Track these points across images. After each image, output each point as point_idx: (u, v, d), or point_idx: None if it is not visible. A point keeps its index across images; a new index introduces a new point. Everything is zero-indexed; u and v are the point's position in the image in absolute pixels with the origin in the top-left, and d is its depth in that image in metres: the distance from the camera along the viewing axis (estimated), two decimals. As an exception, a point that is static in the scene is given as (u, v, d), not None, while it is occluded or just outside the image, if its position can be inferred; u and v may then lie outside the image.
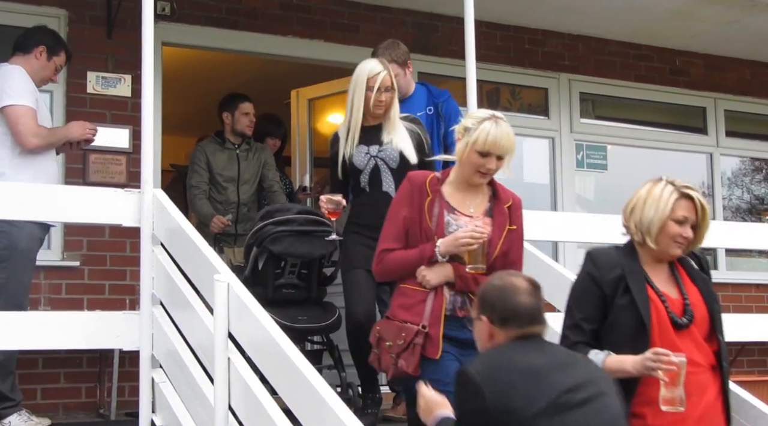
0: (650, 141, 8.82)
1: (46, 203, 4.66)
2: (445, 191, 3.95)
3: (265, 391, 3.48)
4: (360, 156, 4.91)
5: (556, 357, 3.10)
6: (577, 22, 8.13)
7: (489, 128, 3.85)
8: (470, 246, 3.76)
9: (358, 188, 4.96)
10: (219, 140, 6.69)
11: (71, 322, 4.70)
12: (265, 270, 5.38)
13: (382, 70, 4.86)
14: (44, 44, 5.41)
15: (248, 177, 6.68)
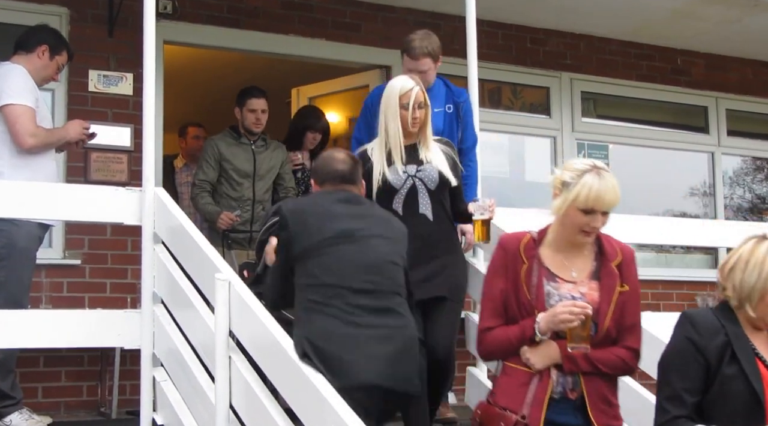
0: (652, 140, 8.82)
1: (48, 202, 4.66)
2: (543, 255, 3.52)
3: (266, 390, 3.48)
4: (396, 175, 4.58)
5: (357, 210, 4.07)
6: (579, 22, 8.13)
7: (591, 182, 3.42)
8: (570, 323, 3.33)
9: (389, 209, 4.50)
10: (234, 135, 6.52)
11: (72, 320, 4.71)
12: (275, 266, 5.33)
13: (414, 85, 4.61)
14: (46, 43, 5.41)
15: (264, 173, 6.48)
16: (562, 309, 3.33)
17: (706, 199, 9.08)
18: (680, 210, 8.97)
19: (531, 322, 3.38)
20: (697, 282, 8.51)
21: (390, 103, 4.58)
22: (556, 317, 3.33)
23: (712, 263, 8.84)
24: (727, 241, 6.81)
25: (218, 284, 3.72)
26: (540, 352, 3.38)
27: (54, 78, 5.60)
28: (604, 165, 3.54)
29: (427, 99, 4.65)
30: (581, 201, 3.41)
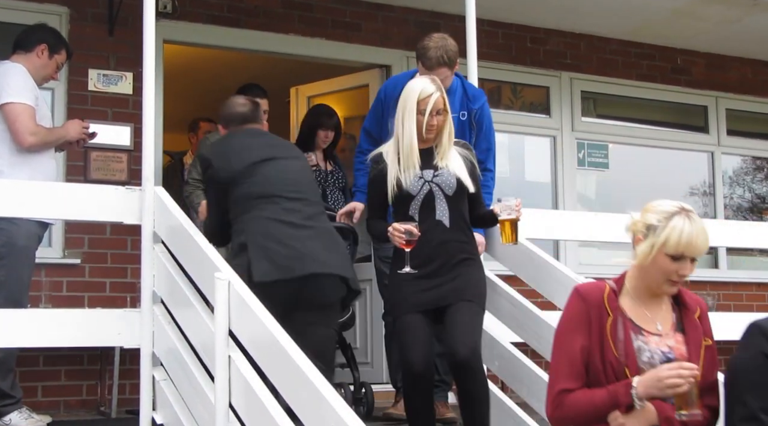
0: (651, 140, 8.82)
1: (48, 201, 4.66)
2: (624, 306, 3.23)
3: (266, 389, 3.48)
4: (412, 180, 4.36)
5: (267, 140, 4.71)
6: (579, 21, 8.13)
7: (682, 226, 3.18)
8: (680, 388, 3.01)
9: (405, 216, 4.35)
10: None
11: (72, 319, 4.70)
12: None
13: (434, 91, 4.35)
14: (45, 42, 5.41)
15: None
16: (668, 372, 3.02)
17: (706, 198, 9.08)
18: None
19: (625, 386, 3.06)
20: (696, 281, 8.50)
21: (407, 106, 4.36)
22: (662, 382, 3.01)
23: (712, 263, 8.84)
24: (726, 241, 6.84)
25: (218, 283, 3.72)
26: (637, 418, 3.06)
27: (53, 77, 5.59)
28: (690, 207, 3.32)
29: (447, 105, 4.44)
30: (672, 247, 3.14)
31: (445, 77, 4.92)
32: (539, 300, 4.98)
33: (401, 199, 4.37)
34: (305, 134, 6.82)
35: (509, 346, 4.89)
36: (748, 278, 8.81)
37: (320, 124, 6.79)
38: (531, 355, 4.88)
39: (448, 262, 4.29)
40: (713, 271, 8.77)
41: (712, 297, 8.36)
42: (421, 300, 4.21)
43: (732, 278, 8.72)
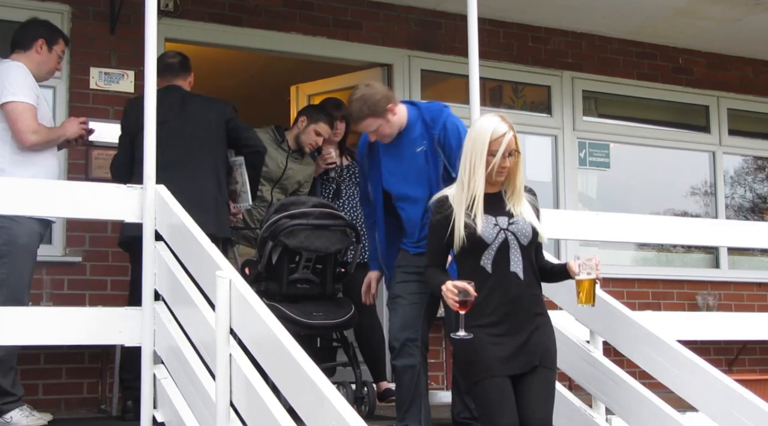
0: (653, 139, 8.82)
1: (49, 199, 4.66)
2: None
3: (267, 388, 3.48)
4: (487, 227, 4.02)
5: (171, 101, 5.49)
6: (581, 20, 8.13)
7: None
8: None
9: (474, 267, 4.02)
10: (277, 137, 6.39)
11: (73, 317, 4.70)
12: (279, 264, 5.29)
13: (507, 130, 4.09)
14: (42, 37, 5.40)
15: (288, 183, 6.38)
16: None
17: (707, 198, 9.08)
18: (681, 209, 8.97)
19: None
20: (697, 281, 8.52)
21: (477, 147, 4.04)
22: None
23: (713, 263, 8.85)
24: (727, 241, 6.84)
25: (219, 282, 3.72)
26: None
27: (57, 68, 5.60)
28: None
29: (519, 145, 4.16)
30: None
31: (378, 126, 4.86)
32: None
33: (472, 248, 4.02)
34: None
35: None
36: (749, 278, 8.80)
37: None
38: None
39: (525, 318, 4.01)
40: (714, 271, 8.77)
41: (713, 297, 8.36)
42: (508, 365, 3.94)
43: (733, 278, 8.72)
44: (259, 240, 5.41)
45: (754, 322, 6.36)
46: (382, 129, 4.88)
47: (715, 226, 6.91)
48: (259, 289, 5.27)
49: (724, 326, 6.11)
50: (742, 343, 8.18)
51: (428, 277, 4.15)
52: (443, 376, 7.21)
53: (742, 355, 8.36)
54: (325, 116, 6.38)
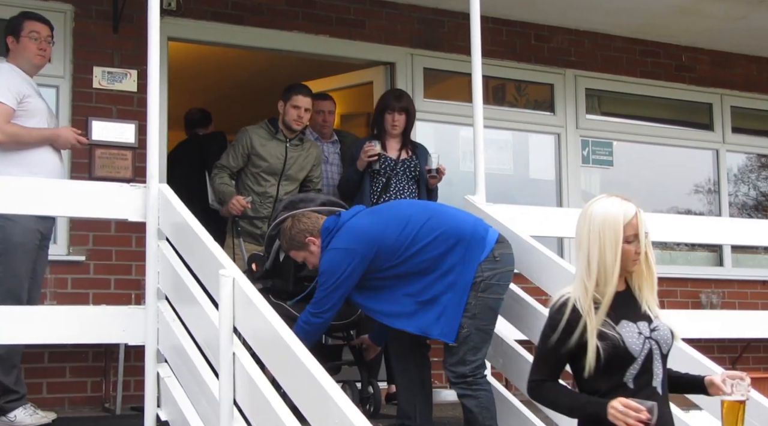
0: (656, 137, 8.81)
1: (52, 198, 4.67)
2: None
3: (270, 386, 3.48)
4: (632, 337, 3.30)
5: None
6: (584, 18, 8.12)
7: None
8: None
9: (616, 385, 3.28)
10: (271, 129, 6.26)
11: (77, 316, 4.71)
12: (286, 262, 5.22)
13: (636, 209, 3.43)
14: (8, 35, 5.34)
15: (293, 173, 6.24)
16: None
17: (711, 196, 9.07)
18: (685, 207, 8.97)
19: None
20: (701, 279, 8.51)
21: (608, 237, 3.34)
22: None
23: (716, 261, 8.84)
24: (731, 238, 6.83)
25: (222, 280, 3.72)
26: None
27: (40, 49, 5.37)
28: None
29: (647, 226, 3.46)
30: None
31: (303, 258, 4.96)
32: (543, 297, 4.98)
33: (612, 363, 3.28)
34: (376, 121, 6.34)
35: (514, 343, 4.90)
36: (753, 276, 8.80)
37: (387, 106, 6.29)
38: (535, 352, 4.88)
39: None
40: (718, 268, 8.76)
41: (716, 295, 8.35)
42: None
43: (736, 276, 8.71)
44: (266, 238, 5.38)
45: (758, 320, 6.35)
46: (310, 259, 4.92)
47: (719, 224, 6.91)
48: (266, 286, 5.26)
49: (728, 324, 6.10)
50: (746, 341, 8.17)
51: (553, 396, 3.40)
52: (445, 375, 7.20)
53: (746, 354, 8.35)
54: (297, 88, 6.26)
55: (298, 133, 6.27)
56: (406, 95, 6.45)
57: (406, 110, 6.23)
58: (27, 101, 5.23)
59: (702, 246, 8.78)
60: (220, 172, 6.20)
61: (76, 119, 6.50)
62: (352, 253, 4.60)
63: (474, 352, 4.57)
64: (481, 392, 4.60)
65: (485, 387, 4.63)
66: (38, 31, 5.38)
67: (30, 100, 5.26)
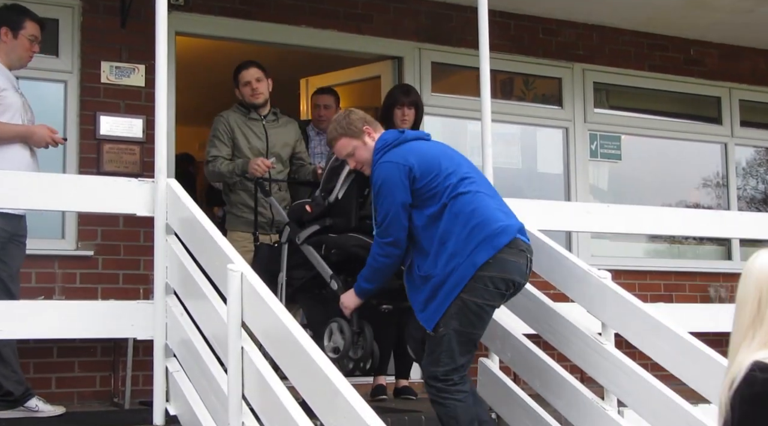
0: (664, 131, 8.79)
1: (60, 193, 4.68)
2: None
3: (279, 380, 3.49)
4: None
5: None
6: (592, 12, 8.10)
7: None
8: None
9: None
10: (243, 109, 6.11)
11: (85, 311, 4.73)
12: (347, 198, 4.93)
13: None
14: (4, 25, 5.29)
15: (277, 150, 6.05)
16: None
17: (719, 190, 9.05)
18: (693, 201, 8.95)
19: None
20: (709, 273, 8.49)
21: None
22: None
23: (725, 254, 8.82)
24: (739, 232, 6.82)
25: (230, 275, 3.73)
26: None
27: (31, 50, 5.38)
28: None
29: None
30: None
31: (354, 148, 4.65)
32: (552, 291, 4.98)
33: None
34: (384, 117, 6.23)
35: (522, 337, 4.90)
36: (762, 270, 8.76)
37: (395, 101, 6.23)
38: (543, 346, 4.88)
39: None
40: (727, 262, 8.74)
41: (725, 288, 8.34)
42: None
43: (745, 270, 8.68)
44: (328, 170, 5.05)
45: (767, 314, 6.32)
46: (359, 152, 4.66)
47: (728, 218, 6.89)
48: (324, 225, 5.02)
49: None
50: (755, 335, 8.14)
51: None
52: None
53: (754, 347, 8.32)
54: (240, 67, 6.13)
55: (271, 109, 6.15)
56: (414, 90, 6.44)
57: (415, 105, 6.21)
58: (2, 95, 5.17)
59: (710, 240, 8.75)
60: (215, 161, 5.95)
61: (84, 114, 6.51)
62: (404, 169, 4.40)
63: (449, 355, 4.30)
64: (450, 401, 4.33)
65: (457, 396, 4.33)
66: (37, 36, 5.41)
67: (5, 94, 5.19)
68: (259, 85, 6.08)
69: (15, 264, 5.20)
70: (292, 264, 5.18)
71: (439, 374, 4.31)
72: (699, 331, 4.62)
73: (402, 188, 4.39)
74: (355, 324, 4.73)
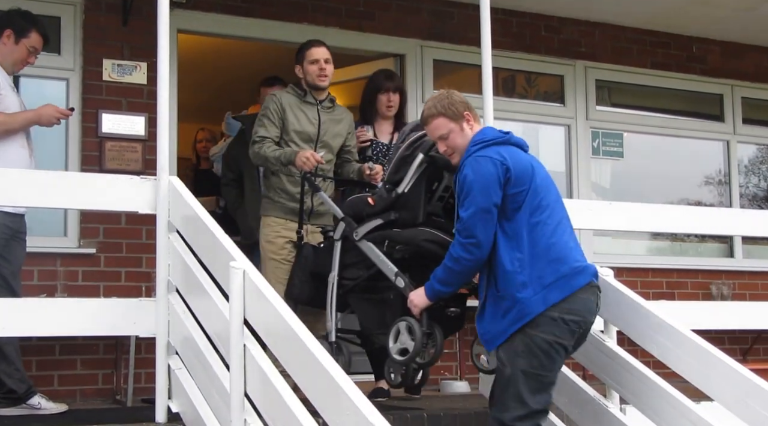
0: (667, 128, 8.79)
1: (62, 190, 4.68)
2: None
3: (281, 378, 3.49)
4: None
5: None
6: (594, 9, 8.10)
7: None
8: None
9: None
10: (298, 91, 5.74)
11: (88, 309, 4.72)
12: (414, 191, 4.60)
13: None
14: (9, 28, 5.31)
15: (329, 139, 5.68)
16: None
17: (722, 187, 9.05)
18: (695, 199, 8.94)
19: None
20: (711, 271, 8.49)
21: None
22: None
23: (727, 252, 8.82)
24: (741, 230, 6.82)
25: (233, 272, 3.73)
26: None
27: (28, 61, 5.42)
28: None
29: None
30: None
31: (449, 131, 4.32)
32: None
33: None
34: (366, 104, 6.11)
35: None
36: (764, 267, 8.77)
37: (380, 87, 6.06)
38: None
39: None
40: (729, 260, 8.74)
41: (727, 286, 8.34)
42: None
43: (747, 267, 8.69)
44: (399, 159, 4.70)
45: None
46: (454, 136, 4.32)
47: (730, 216, 6.88)
48: (387, 219, 4.69)
49: (739, 316, 6.09)
50: (757, 332, 8.15)
51: None
52: (457, 366, 7.21)
53: (756, 345, 8.33)
54: (309, 43, 5.76)
55: (328, 95, 5.79)
56: (396, 75, 6.22)
57: (400, 90, 6.07)
58: (2, 94, 5.20)
59: (713, 237, 8.75)
60: (261, 142, 5.55)
61: (86, 112, 6.51)
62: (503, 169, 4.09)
63: (517, 399, 3.98)
64: None
65: None
66: (38, 48, 5.43)
67: (4, 94, 5.22)
68: (327, 67, 5.72)
69: (17, 262, 5.22)
70: (345, 263, 4.87)
71: (506, 420, 4.00)
72: (701, 329, 4.63)
73: (497, 187, 4.07)
74: (425, 324, 4.38)
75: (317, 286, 4.98)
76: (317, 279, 4.99)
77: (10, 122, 5.17)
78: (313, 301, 5.11)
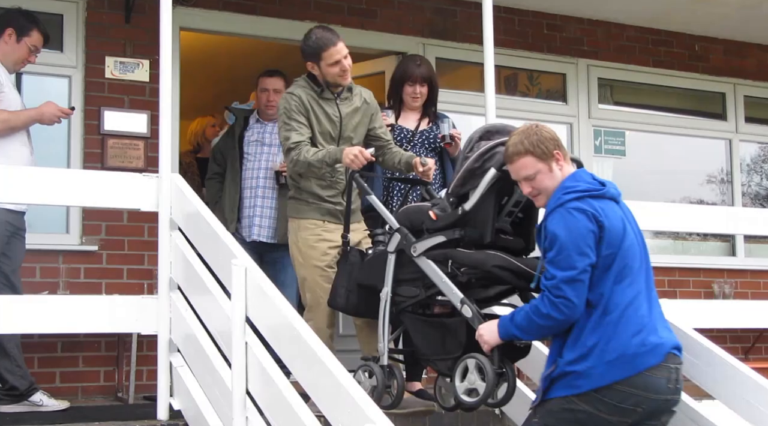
0: (669, 127, 8.78)
1: (65, 188, 4.68)
2: None
3: (283, 376, 3.49)
4: None
5: None
6: (596, 7, 8.09)
7: None
8: None
9: None
10: (314, 86, 5.20)
11: (90, 306, 4.73)
12: (483, 206, 4.16)
13: None
14: (11, 26, 5.33)
15: (349, 133, 5.19)
16: None
17: (724, 186, 9.04)
18: (697, 197, 8.94)
19: None
20: (713, 269, 8.48)
21: None
22: None
23: (729, 251, 8.82)
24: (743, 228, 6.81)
25: (234, 270, 3.73)
26: None
27: (28, 60, 5.45)
28: None
29: None
30: None
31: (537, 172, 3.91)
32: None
33: None
34: (392, 94, 5.83)
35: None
36: (766, 266, 8.77)
37: (405, 75, 5.71)
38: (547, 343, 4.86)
39: None
40: (730, 258, 8.74)
41: (729, 285, 8.33)
42: None
43: (749, 266, 8.68)
44: (467, 171, 4.22)
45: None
46: (542, 178, 3.90)
47: (732, 214, 6.88)
48: (450, 237, 4.25)
49: (741, 314, 6.09)
50: (759, 331, 8.15)
51: None
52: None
53: (758, 343, 8.32)
54: (326, 40, 5.16)
55: (345, 87, 5.27)
56: (427, 62, 5.82)
57: (429, 81, 5.65)
58: (3, 92, 5.22)
59: (714, 236, 8.75)
60: (297, 148, 4.97)
61: (88, 109, 6.51)
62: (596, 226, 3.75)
63: None
64: None
65: None
66: (38, 47, 5.45)
67: (6, 91, 5.23)
68: (347, 62, 5.20)
69: (18, 259, 5.23)
70: (398, 278, 4.43)
71: None
72: (703, 328, 4.62)
73: (592, 245, 3.71)
74: (496, 362, 4.01)
75: (364, 296, 4.62)
76: (363, 288, 4.63)
77: (13, 120, 5.19)
78: (359, 310, 4.78)
